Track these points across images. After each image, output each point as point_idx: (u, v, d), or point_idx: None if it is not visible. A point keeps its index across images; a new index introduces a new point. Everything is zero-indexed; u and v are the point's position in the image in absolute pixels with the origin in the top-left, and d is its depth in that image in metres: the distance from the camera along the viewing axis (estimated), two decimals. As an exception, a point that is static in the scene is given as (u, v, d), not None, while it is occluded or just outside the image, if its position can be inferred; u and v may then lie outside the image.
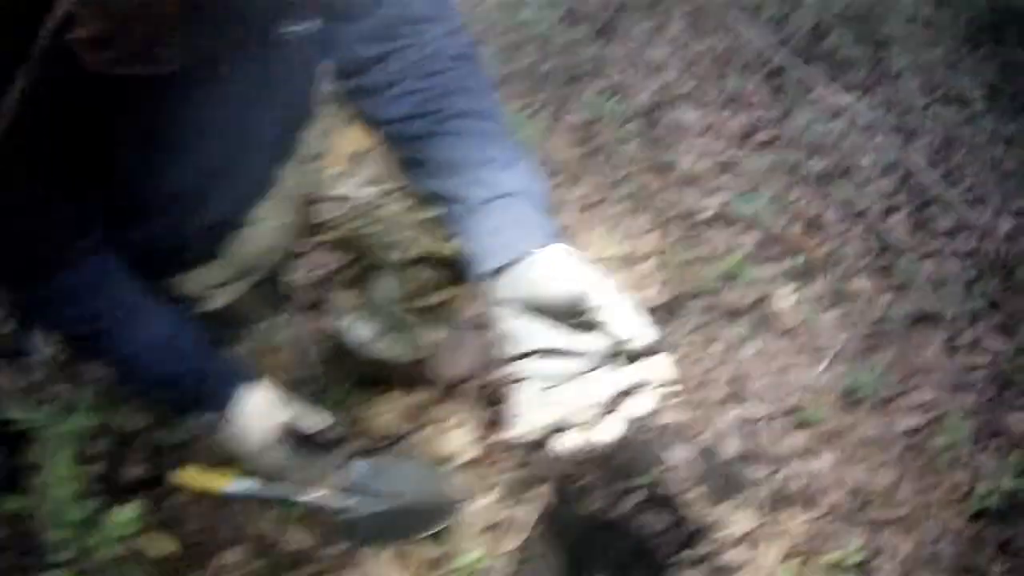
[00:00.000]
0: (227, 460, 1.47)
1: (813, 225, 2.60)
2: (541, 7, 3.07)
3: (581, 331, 1.05)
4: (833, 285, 2.43)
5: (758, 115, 2.93)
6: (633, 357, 1.02)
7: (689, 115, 2.90)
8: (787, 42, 3.14)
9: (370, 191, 1.55)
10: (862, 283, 2.47)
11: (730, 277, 2.40)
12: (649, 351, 1.01)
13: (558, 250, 1.10)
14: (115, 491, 1.59)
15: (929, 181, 2.78)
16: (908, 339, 2.35)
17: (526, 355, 1.09)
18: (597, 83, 2.93)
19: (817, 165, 2.77)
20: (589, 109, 2.83)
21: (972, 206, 2.73)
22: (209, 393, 1.39)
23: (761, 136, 2.87)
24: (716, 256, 2.46)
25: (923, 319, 2.40)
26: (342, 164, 1.55)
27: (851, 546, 1.87)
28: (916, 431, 2.13)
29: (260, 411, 1.41)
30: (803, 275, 2.45)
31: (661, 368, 1.02)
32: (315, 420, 1.44)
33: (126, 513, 1.44)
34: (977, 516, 1.96)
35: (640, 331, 1.01)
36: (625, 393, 1.02)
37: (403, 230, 1.57)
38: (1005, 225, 2.69)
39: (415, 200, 1.48)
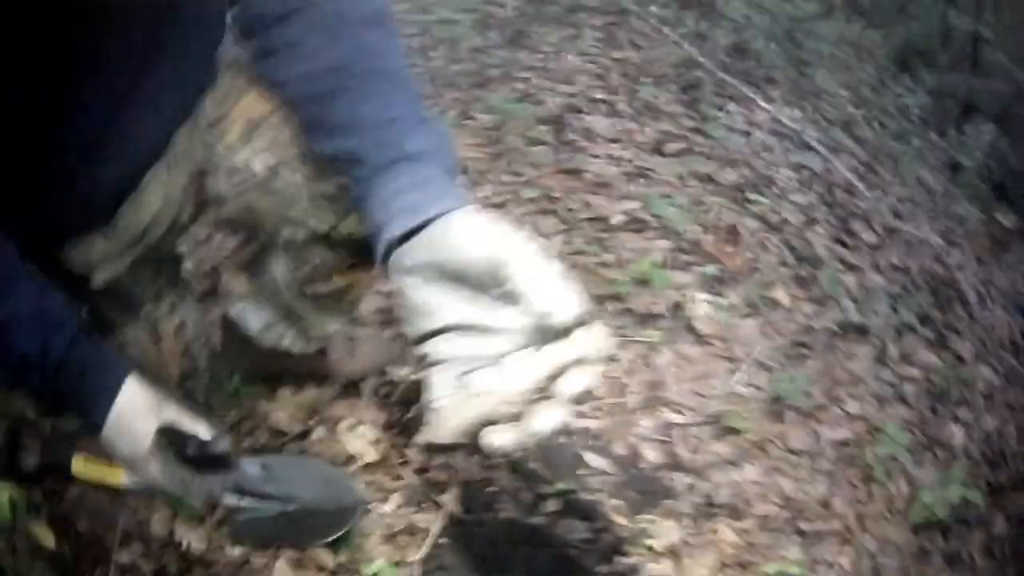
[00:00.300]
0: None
1: (729, 234, 2.45)
2: (454, 11, 3.02)
3: (500, 303, 0.98)
4: (750, 294, 2.26)
5: (671, 126, 2.82)
6: (560, 332, 0.92)
7: (600, 123, 2.77)
8: (704, 57, 3.05)
9: (265, 161, 1.39)
10: (781, 293, 2.31)
11: (642, 282, 2.23)
12: (578, 323, 0.92)
13: (471, 212, 1.03)
14: (20, 478, 1.44)
15: (853, 196, 2.68)
16: (833, 350, 2.20)
17: (439, 331, 1.01)
18: (506, 88, 2.83)
19: (732, 175, 2.64)
20: (497, 112, 2.72)
21: (898, 222, 2.63)
22: (75, 386, 1.17)
23: (674, 146, 2.74)
24: (627, 261, 2.29)
25: (848, 331, 2.26)
26: (238, 132, 1.40)
27: (789, 556, 1.69)
28: (847, 443, 1.97)
29: (131, 415, 1.18)
30: (719, 283, 2.29)
31: (594, 340, 0.93)
32: (198, 428, 1.21)
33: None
34: (919, 528, 1.81)
35: (566, 302, 0.93)
36: (555, 374, 0.93)
37: (299, 205, 1.41)
38: (933, 241, 2.60)
39: (314, 171, 1.36)
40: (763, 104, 2.91)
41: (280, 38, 1.20)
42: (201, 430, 1.21)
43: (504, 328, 0.97)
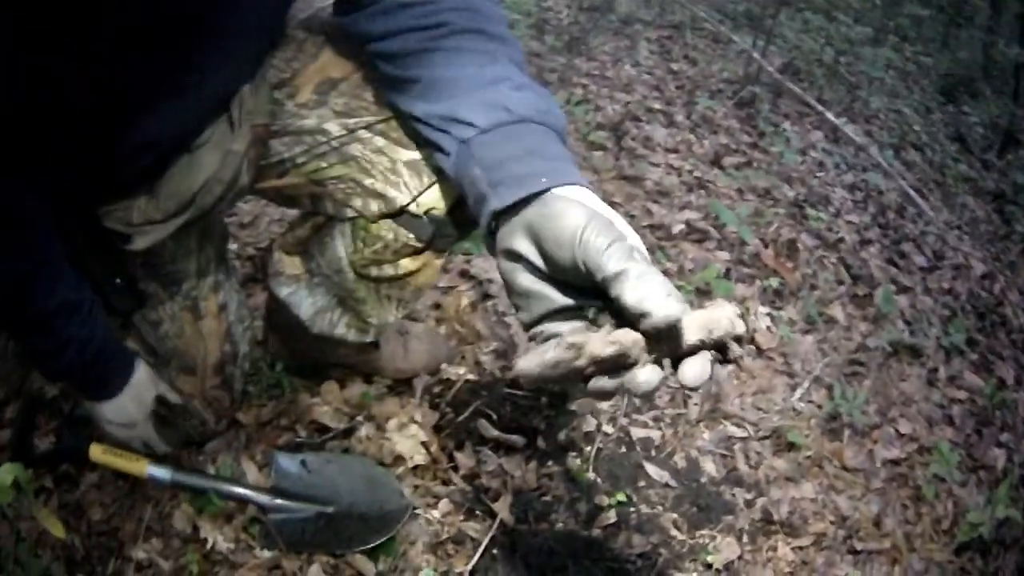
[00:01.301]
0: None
1: (788, 249, 2.47)
2: (510, 11, 2.98)
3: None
4: (809, 310, 2.29)
5: (728, 140, 2.84)
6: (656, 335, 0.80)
7: (658, 132, 2.79)
8: (759, 75, 3.07)
9: (338, 125, 1.29)
10: (838, 310, 2.34)
11: (704, 293, 2.25)
12: (672, 326, 0.79)
13: (579, 189, 0.89)
14: (32, 461, 1.42)
15: (903, 219, 2.71)
16: (887, 370, 2.22)
17: (551, 314, 0.90)
18: (564, 91, 2.82)
19: (789, 191, 2.67)
20: None
21: (946, 246, 2.66)
22: (102, 370, 1.30)
23: (732, 159, 2.76)
24: (689, 270, 2.31)
25: (900, 352, 2.28)
26: (311, 92, 1.28)
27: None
28: (898, 462, 1.99)
29: (143, 385, 1.35)
30: (779, 297, 2.32)
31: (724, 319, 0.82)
32: (173, 396, 1.42)
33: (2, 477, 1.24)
34: (961, 549, 1.82)
35: (663, 303, 0.77)
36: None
37: (374, 176, 1.30)
38: (979, 267, 2.63)
39: (397, 138, 1.26)
40: (817, 123, 2.93)
41: None
42: (173, 396, 1.41)
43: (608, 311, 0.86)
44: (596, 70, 3.02)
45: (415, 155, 1.26)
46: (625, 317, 0.80)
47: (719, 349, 0.83)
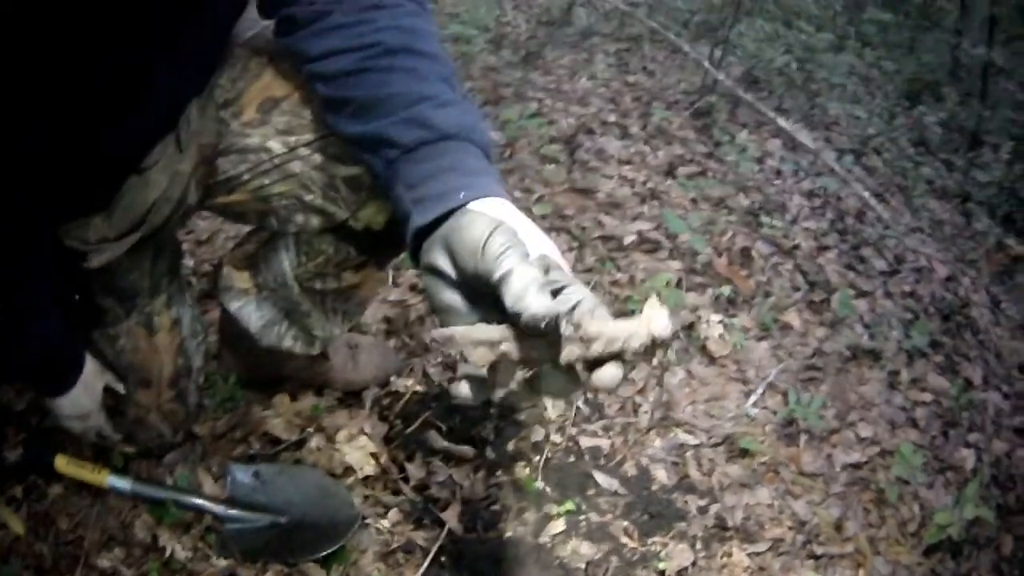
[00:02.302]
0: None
1: (742, 257, 2.44)
2: (468, 26, 2.99)
3: None
4: (763, 317, 2.25)
5: (683, 150, 2.81)
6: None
7: (612, 144, 2.76)
8: (717, 85, 3.04)
9: (283, 141, 1.31)
10: (793, 317, 2.30)
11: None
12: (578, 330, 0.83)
13: (499, 203, 0.94)
14: (1, 473, 1.57)
15: (863, 224, 2.67)
16: (845, 374, 2.18)
17: None
18: (519, 105, 2.80)
19: (744, 200, 2.63)
20: (510, 129, 2.71)
21: (907, 250, 2.62)
22: (59, 366, 1.39)
23: (686, 169, 2.73)
24: (640, 280, 2.27)
25: (860, 356, 2.24)
26: (254, 111, 1.32)
27: (803, 581, 1.66)
28: (859, 466, 1.94)
29: (92, 377, 1.43)
30: (732, 305, 2.28)
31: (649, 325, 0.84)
32: (118, 385, 1.49)
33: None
34: (931, 550, 1.79)
35: (532, 302, 0.81)
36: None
37: (314, 192, 1.34)
38: (942, 270, 2.59)
39: (336, 155, 1.30)
40: (775, 132, 2.91)
41: (306, 11, 1.13)
42: (120, 387, 1.49)
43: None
44: (552, 84, 3.02)
45: (354, 171, 1.29)
46: (510, 319, 0.83)
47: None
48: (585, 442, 1.85)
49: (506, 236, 0.86)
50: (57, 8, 0.93)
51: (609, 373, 0.83)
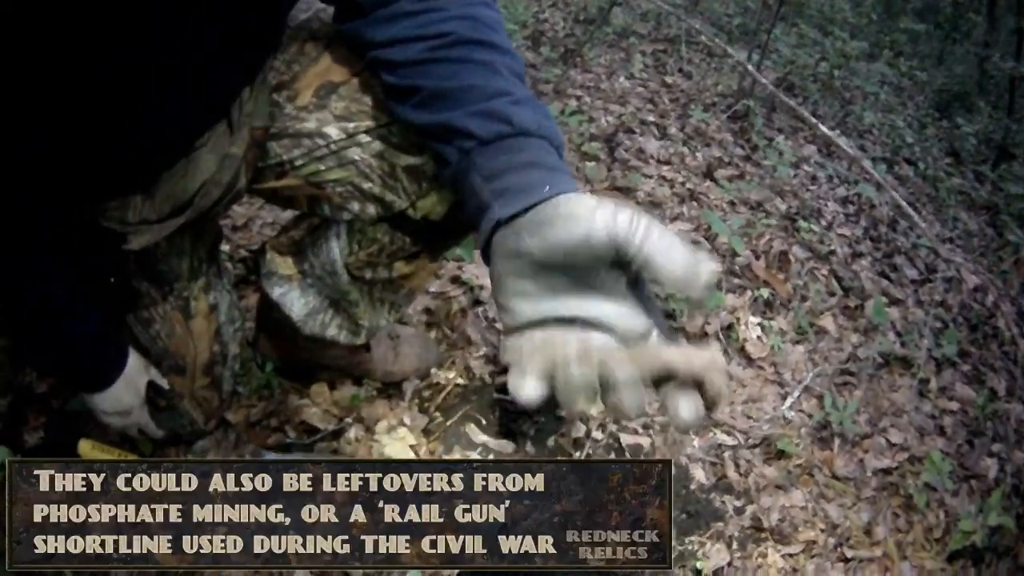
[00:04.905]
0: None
1: (779, 261, 2.48)
2: (506, 23, 2.98)
3: (603, 296, 0.86)
4: (800, 321, 2.29)
5: (721, 152, 2.84)
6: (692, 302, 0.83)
7: (651, 144, 2.79)
8: (754, 87, 3.08)
9: (338, 129, 1.27)
10: (829, 322, 2.34)
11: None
12: (707, 289, 0.80)
13: (583, 195, 0.88)
14: (22, 453, 1.49)
15: (895, 232, 2.71)
16: (878, 380, 2.23)
17: (537, 323, 0.87)
18: (559, 103, 2.83)
19: (782, 205, 2.67)
20: None
21: (938, 259, 2.67)
22: (97, 362, 1.33)
23: (724, 172, 2.76)
24: (680, 281, 2.29)
25: (892, 362, 2.29)
26: (311, 95, 1.27)
27: (832, 584, 1.71)
28: (889, 471, 1.99)
29: (135, 374, 1.37)
30: (769, 308, 2.32)
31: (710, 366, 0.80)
32: (163, 383, 1.44)
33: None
34: (954, 556, 1.82)
35: (700, 268, 0.78)
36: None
37: (372, 180, 1.30)
38: (971, 279, 2.63)
39: (397, 143, 1.25)
40: (810, 137, 2.95)
41: None
42: (163, 382, 1.44)
43: (605, 325, 0.86)
44: (591, 82, 3.04)
45: (415, 160, 1.25)
46: (650, 274, 0.80)
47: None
48: (626, 440, 1.87)
49: (622, 206, 0.83)
50: (57, 8, 0.89)
51: (690, 402, 0.80)
